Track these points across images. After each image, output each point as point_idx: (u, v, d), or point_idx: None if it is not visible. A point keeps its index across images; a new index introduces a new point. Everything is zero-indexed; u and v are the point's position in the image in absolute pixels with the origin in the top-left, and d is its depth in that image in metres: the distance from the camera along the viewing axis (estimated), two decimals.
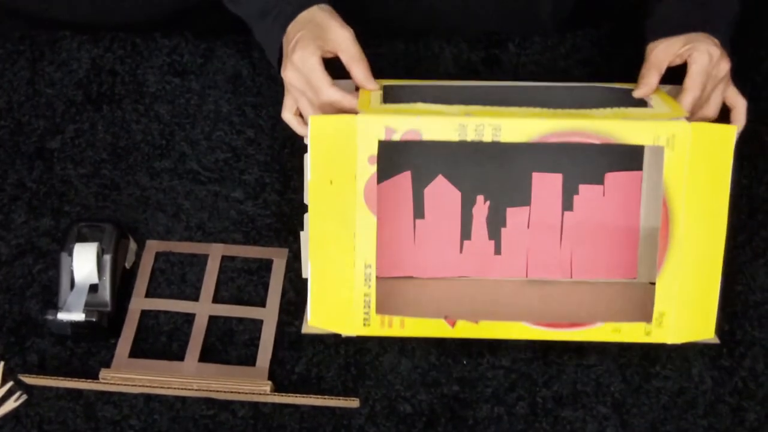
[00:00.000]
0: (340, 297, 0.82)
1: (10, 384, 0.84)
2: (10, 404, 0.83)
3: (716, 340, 0.85)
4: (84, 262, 0.85)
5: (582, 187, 0.90)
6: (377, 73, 1.03)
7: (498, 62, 1.05)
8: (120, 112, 1.01)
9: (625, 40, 1.07)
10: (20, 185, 0.97)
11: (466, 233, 0.90)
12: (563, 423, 0.83)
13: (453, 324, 0.83)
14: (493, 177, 0.90)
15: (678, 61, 0.86)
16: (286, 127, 0.99)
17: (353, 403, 0.82)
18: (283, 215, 0.94)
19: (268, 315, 0.88)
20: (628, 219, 0.90)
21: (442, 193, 0.89)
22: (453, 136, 0.78)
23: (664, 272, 0.81)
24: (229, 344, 0.87)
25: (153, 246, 0.92)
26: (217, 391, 0.82)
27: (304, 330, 0.86)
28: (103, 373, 0.83)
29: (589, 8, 1.04)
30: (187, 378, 0.83)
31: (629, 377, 0.85)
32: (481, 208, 0.90)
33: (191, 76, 1.03)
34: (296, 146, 0.98)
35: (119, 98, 1.02)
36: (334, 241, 0.81)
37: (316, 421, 0.82)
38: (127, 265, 0.90)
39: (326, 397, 0.82)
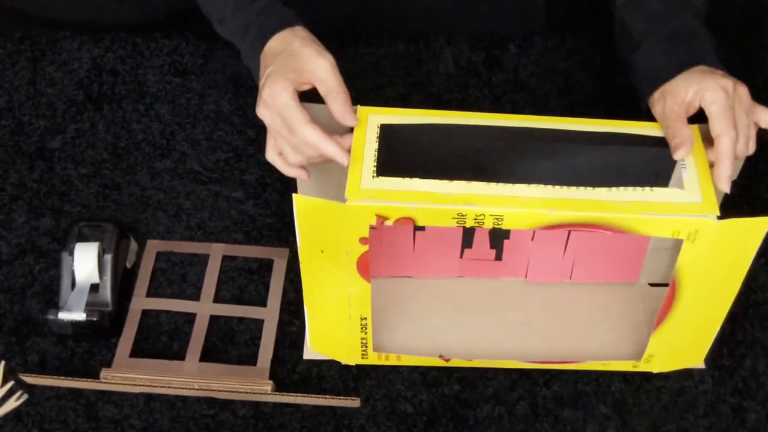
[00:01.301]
0: (338, 335, 0.83)
1: (11, 383, 0.84)
2: (11, 404, 0.83)
3: (702, 366, 0.86)
4: (85, 262, 0.84)
5: None
6: (377, 73, 1.04)
7: (498, 62, 1.05)
8: (121, 111, 1.01)
9: None
10: (21, 185, 0.97)
11: (467, 242, 0.89)
12: (564, 423, 0.83)
13: (447, 360, 0.84)
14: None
15: (692, 111, 0.76)
16: None
17: (354, 402, 0.82)
18: (284, 215, 0.94)
19: (269, 314, 0.88)
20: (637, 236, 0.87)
21: None
22: (451, 224, 0.72)
23: (661, 330, 0.80)
24: (230, 344, 0.87)
25: (154, 246, 0.92)
26: (218, 391, 0.82)
27: (306, 356, 0.86)
28: (104, 373, 0.83)
29: (582, 5, 1.04)
30: (188, 378, 0.83)
31: (630, 377, 0.85)
32: None
33: (192, 76, 1.03)
34: None
35: (120, 98, 1.02)
36: (329, 294, 0.80)
37: (316, 420, 0.82)
38: (128, 264, 0.90)
39: (327, 396, 0.82)
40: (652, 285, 0.91)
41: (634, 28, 0.83)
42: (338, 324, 0.81)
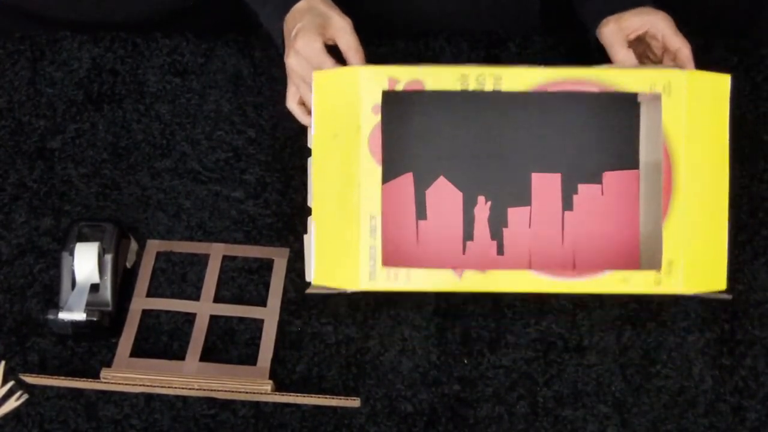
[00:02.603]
0: (345, 251, 0.81)
1: (11, 383, 0.84)
2: (12, 404, 0.83)
3: (728, 296, 0.84)
4: (85, 262, 0.85)
5: (581, 187, 0.90)
6: None
7: (498, 62, 1.05)
8: (121, 111, 1.01)
9: None
10: (21, 185, 0.96)
11: (468, 234, 0.90)
12: (564, 422, 0.83)
13: (460, 274, 0.81)
14: (494, 178, 0.90)
15: (633, 36, 0.89)
16: (287, 127, 0.99)
17: (354, 402, 0.82)
18: (284, 215, 0.94)
19: (269, 314, 0.88)
20: (628, 216, 0.90)
21: (444, 194, 0.89)
22: (456, 85, 0.80)
23: (670, 219, 0.81)
24: (230, 344, 0.87)
25: (154, 245, 0.92)
26: (218, 391, 0.82)
27: (309, 291, 0.85)
28: (104, 373, 0.83)
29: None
30: (188, 377, 0.83)
31: (630, 376, 0.85)
32: (482, 208, 0.90)
33: (192, 76, 1.03)
34: (297, 146, 0.98)
35: (120, 98, 1.01)
36: (338, 194, 0.81)
37: (317, 420, 0.83)
38: (128, 264, 0.90)
39: (327, 396, 0.82)
40: None
41: None
42: (347, 230, 0.81)
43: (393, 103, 0.84)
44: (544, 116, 0.90)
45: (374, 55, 1.05)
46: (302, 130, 0.99)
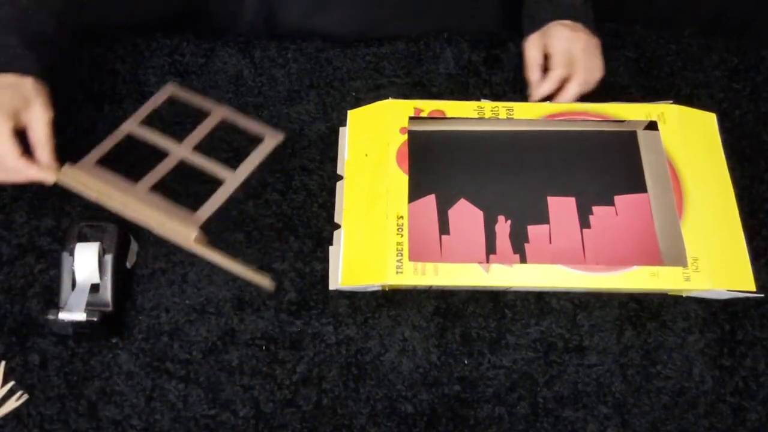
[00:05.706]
0: (373, 250, 0.84)
1: (11, 383, 0.84)
2: (12, 404, 0.83)
3: (760, 294, 0.86)
4: (85, 262, 0.84)
5: (595, 209, 0.93)
6: (377, 72, 1.03)
7: (498, 62, 1.05)
8: (121, 111, 1.01)
9: (625, 40, 1.07)
10: (21, 185, 0.96)
11: (490, 248, 0.91)
12: (564, 423, 0.83)
13: (487, 269, 0.83)
14: (511, 201, 0.93)
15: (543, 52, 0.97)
16: (287, 127, 0.99)
17: (264, 281, 0.83)
18: (283, 215, 0.94)
19: (233, 178, 0.88)
20: (645, 231, 0.92)
21: (465, 213, 0.92)
22: (472, 114, 0.91)
23: (686, 220, 0.85)
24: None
25: (168, 89, 0.95)
26: (147, 222, 0.83)
27: (332, 287, 0.87)
28: (65, 168, 0.85)
29: None
30: (131, 198, 0.84)
31: (630, 377, 0.85)
32: (503, 226, 0.91)
33: (192, 76, 1.03)
34: (297, 146, 0.98)
35: (120, 98, 1.01)
36: (367, 203, 0.86)
37: (317, 420, 0.83)
38: (128, 264, 0.90)
39: (242, 266, 0.82)
40: None
41: None
42: (374, 233, 0.84)
43: (418, 139, 0.93)
44: (554, 149, 0.95)
45: (374, 56, 1.05)
46: (302, 130, 0.99)
